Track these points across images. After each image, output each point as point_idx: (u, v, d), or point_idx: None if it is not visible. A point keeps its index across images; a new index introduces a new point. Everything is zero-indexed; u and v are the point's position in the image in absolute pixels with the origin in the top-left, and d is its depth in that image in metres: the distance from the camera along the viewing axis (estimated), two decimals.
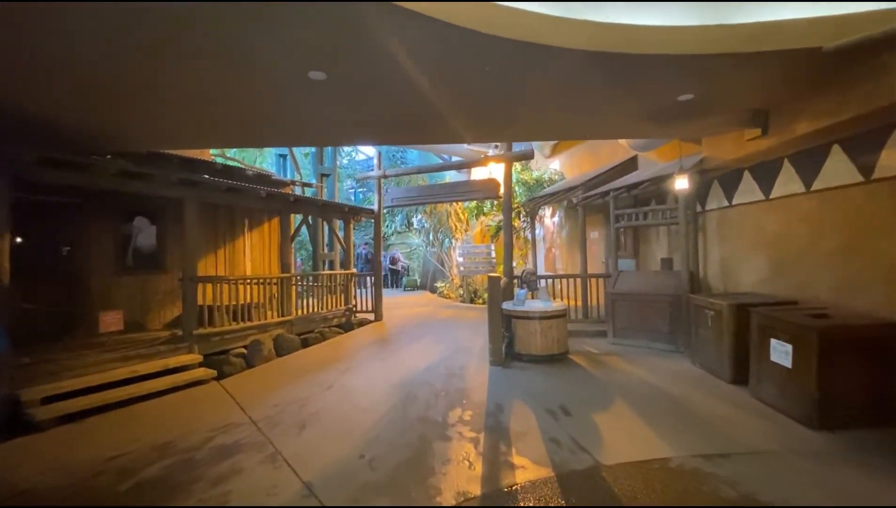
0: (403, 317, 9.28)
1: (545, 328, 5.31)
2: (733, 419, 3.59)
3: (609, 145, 9.81)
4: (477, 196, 7.73)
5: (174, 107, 3.96)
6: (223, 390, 4.96)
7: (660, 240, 7.69)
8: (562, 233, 11.99)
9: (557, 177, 11.46)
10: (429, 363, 5.47)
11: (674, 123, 4.64)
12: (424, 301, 12.51)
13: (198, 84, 3.46)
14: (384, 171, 8.60)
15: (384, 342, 6.92)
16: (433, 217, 13.76)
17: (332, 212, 8.54)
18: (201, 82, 3.43)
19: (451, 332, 7.53)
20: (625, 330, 6.40)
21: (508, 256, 7.41)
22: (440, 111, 4.10)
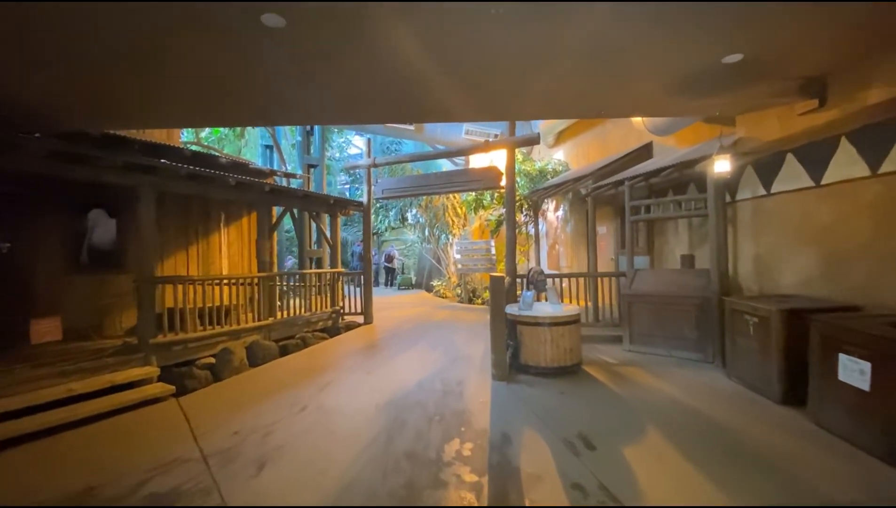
0: (396, 319, 8.57)
1: (556, 337, 4.61)
2: (799, 456, 2.90)
3: (620, 131, 9.11)
4: (476, 186, 7.01)
5: (103, 69, 3.21)
6: (180, 410, 4.24)
7: (679, 235, 7.00)
8: (566, 228, 11.29)
9: (562, 168, 10.75)
10: (422, 377, 4.76)
11: (711, 95, 3.93)
12: (420, 301, 11.81)
13: (127, 34, 2.72)
14: (374, 159, 7.87)
15: (372, 350, 6.21)
16: (429, 211, 13.04)
17: (315, 204, 7.80)
18: (133, 32, 2.69)
19: (447, 336, 6.83)
20: (643, 336, 5.71)
21: (511, 252, 6.71)
22: (431, 78, 3.38)
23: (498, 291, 4.48)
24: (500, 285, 4.48)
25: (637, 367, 5.01)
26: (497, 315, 4.49)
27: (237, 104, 4.06)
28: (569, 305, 5.26)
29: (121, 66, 3.15)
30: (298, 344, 6.58)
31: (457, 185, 7.13)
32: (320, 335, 7.11)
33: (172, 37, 2.78)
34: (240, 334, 6.17)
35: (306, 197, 7.41)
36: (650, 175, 5.94)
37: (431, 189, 7.42)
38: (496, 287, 4.48)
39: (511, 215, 6.69)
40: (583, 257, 10.48)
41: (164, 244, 6.89)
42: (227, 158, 7.19)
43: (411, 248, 18.01)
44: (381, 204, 14.14)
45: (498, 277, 4.48)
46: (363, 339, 6.96)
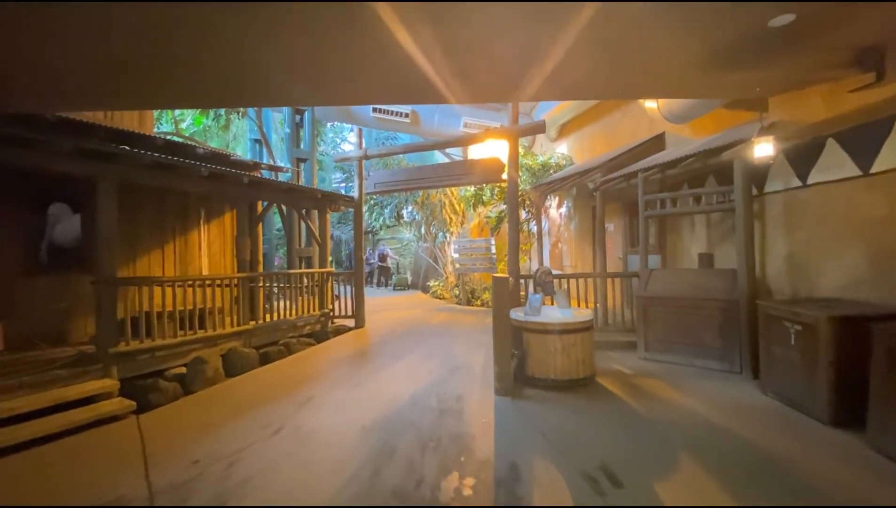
0: (390, 323, 8.06)
1: (567, 346, 4.11)
2: (867, 494, 2.41)
3: (629, 122, 8.62)
4: (476, 180, 6.51)
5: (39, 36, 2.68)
6: (138, 431, 3.72)
7: (695, 232, 6.51)
8: (570, 225, 10.79)
9: (566, 162, 10.25)
10: (415, 391, 4.25)
11: (752, 68, 3.43)
12: (415, 303, 11.30)
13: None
14: (366, 150, 7.35)
15: (362, 358, 5.69)
16: (425, 208, 12.52)
17: (302, 199, 7.27)
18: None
19: (445, 342, 6.32)
20: (661, 343, 5.22)
21: (514, 251, 6.21)
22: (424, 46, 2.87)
23: (501, 294, 3.97)
24: (503, 287, 3.97)
25: (657, 379, 4.52)
26: (501, 322, 3.99)
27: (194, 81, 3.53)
28: (580, 309, 4.76)
29: (53, 34, 2.62)
30: (282, 351, 6.06)
31: (455, 178, 6.62)
32: (306, 341, 6.59)
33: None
34: (216, 340, 5.65)
35: (291, 191, 6.88)
36: (668, 166, 5.44)
37: (427, 183, 6.92)
38: (499, 290, 3.98)
39: (514, 211, 6.18)
40: (588, 256, 10.00)
41: (135, 242, 6.37)
42: (206, 149, 6.65)
43: (407, 247, 17.49)
44: (376, 200, 13.62)
45: (501, 278, 3.97)
46: (353, 345, 6.44)
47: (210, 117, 9.53)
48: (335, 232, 19.34)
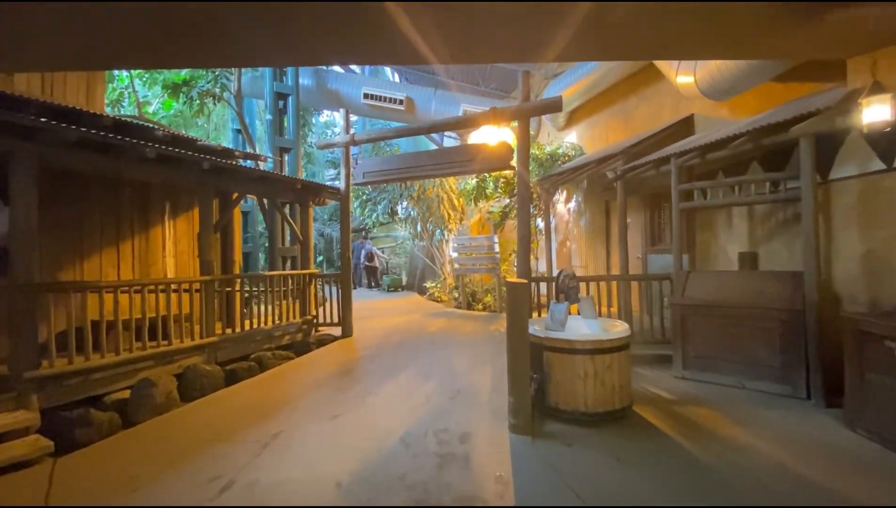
0: (381, 331, 7.23)
1: (601, 369, 3.29)
2: None
3: (648, 107, 7.83)
4: (480, 167, 5.68)
5: None
6: (47, 481, 2.88)
7: (733, 227, 5.72)
8: (580, 222, 10.00)
9: (575, 152, 9.45)
10: (409, 426, 3.43)
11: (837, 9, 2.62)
12: (410, 306, 10.48)
13: None
14: (353, 135, 6.51)
15: (347, 377, 4.86)
16: (421, 204, 11.68)
17: (278, 190, 6.42)
18: None
19: (444, 356, 5.50)
20: (703, 360, 4.43)
21: (525, 249, 5.40)
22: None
23: (519, 304, 3.15)
24: (521, 295, 3.15)
25: (705, 406, 3.72)
26: (518, 340, 3.16)
27: (148, 41, 2.69)
28: (613, 322, 3.95)
29: None
30: (252, 368, 5.22)
31: (455, 165, 5.79)
32: (283, 355, 5.75)
33: None
34: (172, 356, 4.80)
35: (265, 180, 6.02)
36: (710, 148, 4.63)
37: (424, 171, 6.09)
38: (517, 299, 3.16)
39: (525, 203, 5.37)
40: (601, 255, 9.21)
41: (82, 240, 5.52)
42: (167, 131, 5.79)
43: (402, 245, 16.66)
44: (368, 195, 12.77)
45: (518, 284, 3.15)
46: (337, 359, 5.60)
47: (181, 101, 8.66)
48: (327, 230, 18.47)
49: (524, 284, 3.14)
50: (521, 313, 3.16)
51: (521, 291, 3.14)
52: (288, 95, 10.03)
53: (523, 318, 3.16)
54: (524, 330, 3.17)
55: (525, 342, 3.18)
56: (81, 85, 6.11)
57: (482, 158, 5.62)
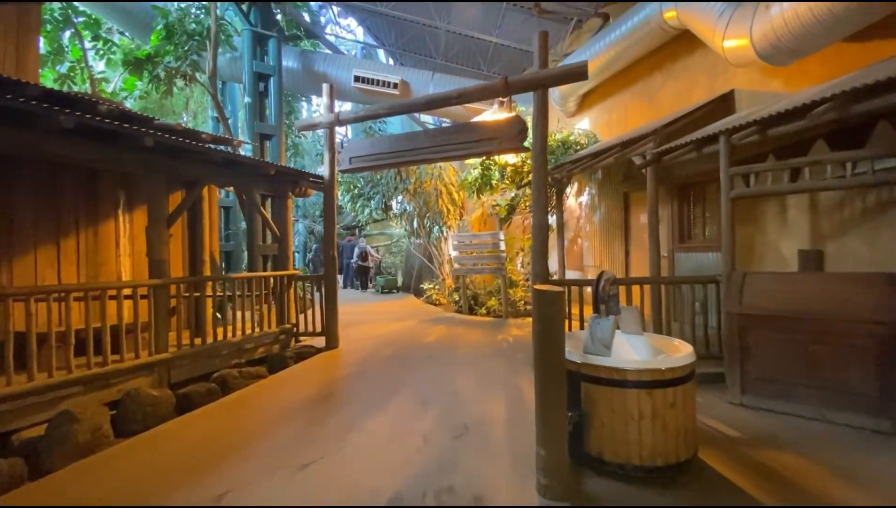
0: (371, 341, 6.37)
1: (661, 408, 2.46)
2: None
3: (675, 85, 6.99)
4: (489, 148, 4.82)
5: None
6: None
7: (788, 220, 4.91)
8: (593, 217, 9.17)
9: (588, 139, 8.60)
10: (401, 484, 2.58)
11: None
12: (406, 310, 9.62)
13: None
14: (338, 114, 5.64)
15: (325, 405, 4.00)
16: (418, 197, 10.83)
17: (247, 176, 5.54)
18: None
19: (445, 376, 4.65)
20: (770, 383, 3.60)
21: (541, 246, 4.56)
22: None
23: (552, 320, 2.30)
24: (555, 308, 2.30)
25: (789, 451, 2.88)
26: (551, 373, 2.31)
27: None
28: (664, 339, 3.10)
29: None
30: (212, 391, 4.35)
31: (458, 147, 4.94)
32: (253, 373, 4.88)
33: None
34: (108, 379, 3.94)
35: (232, 165, 5.14)
36: (780, 119, 3.78)
37: (421, 155, 5.23)
38: (549, 313, 2.31)
39: (542, 190, 4.53)
40: (617, 254, 8.38)
41: (9, 235, 4.68)
42: (110, 105, 4.90)
43: (397, 243, 15.79)
44: (360, 190, 11.88)
45: (551, 292, 2.30)
46: (316, 378, 4.74)
47: (146, 80, 7.74)
48: (318, 227, 17.58)
49: (557, 292, 2.29)
50: (555, 335, 2.31)
51: (554, 302, 2.29)
52: (269, 76, 9.16)
53: (557, 341, 2.31)
54: (559, 358, 2.32)
55: (561, 375, 2.33)
56: (10, 50, 5.23)
57: (490, 137, 4.77)
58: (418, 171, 10.79)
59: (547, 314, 2.28)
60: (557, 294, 2.28)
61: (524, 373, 4.60)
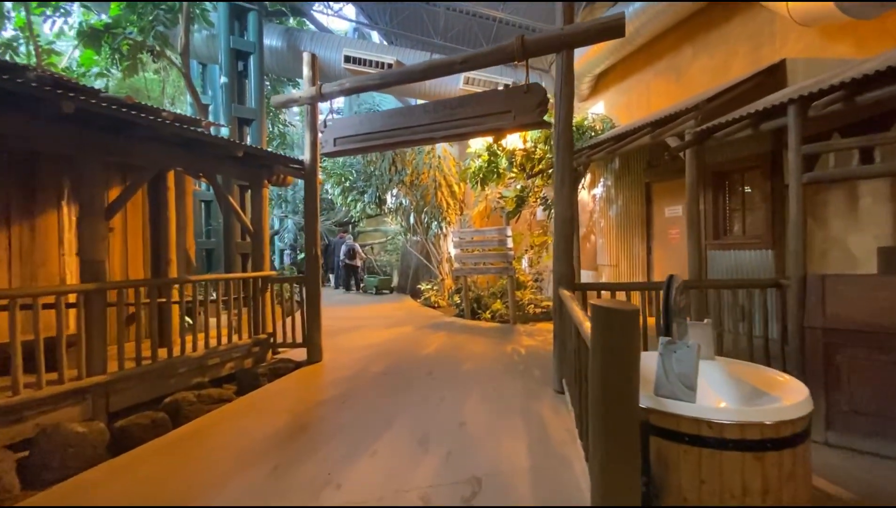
0: (361, 352, 5.58)
1: (773, 479, 1.68)
2: None
3: (709, 59, 6.20)
4: (500, 124, 4.03)
5: None
6: None
7: (859, 210, 4.14)
8: (609, 211, 8.40)
9: (605, 124, 7.82)
10: None
11: None
12: (401, 314, 8.84)
13: None
14: (320, 87, 4.84)
15: (298, 443, 3.21)
16: (414, 190, 10.03)
17: (210, 159, 4.72)
18: None
19: (449, 401, 3.87)
20: (866, 418, 2.84)
21: (565, 246, 3.79)
22: None
23: (622, 351, 1.51)
24: (626, 335, 1.51)
25: None
26: (619, 428, 1.53)
27: None
28: (759, 371, 2.33)
29: None
30: (160, 422, 3.55)
31: (464, 123, 4.14)
32: (214, 396, 4.09)
33: None
34: (23, 410, 3.14)
35: (189, 144, 4.31)
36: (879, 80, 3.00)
37: (418, 134, 4.43)
38: (616, 341, 1.52)
39: (566, 175, 3.76)
40: (638, 252, 7.62)
41: None
42: (46, 72, 4.08)
43: (393, 240, 15.00)
44: (353, 183, 11.07)
45: (621, 310, 1.50)
46: (292, 403, 3.95)
47: (105, 54, 6.88)
48: None
49: (630, 312, 1.50)
50: (626, 376, 1.52)
51: (627, 327, 1.51)
52: (249, 54, 8.33)
53: (629, 385, 1.53)
54: (631, 412, 1.53)
55: (633, 435, 1.55)
56: None
57: (503, 112, 3.98)
58: (415, 161, 10.00)
59: (615, 345, 1.50)
60: (630, 315, 1.50)
61: (544, 397, 3.83)
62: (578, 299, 3.45)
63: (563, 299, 3.30)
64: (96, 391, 3.58)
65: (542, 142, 6.95)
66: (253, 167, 5.18)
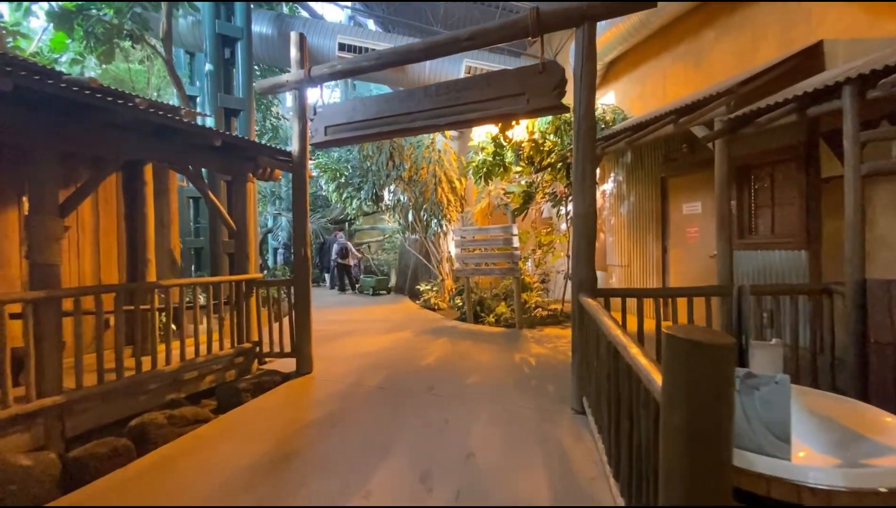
0: (355, 362, 5.14)
1: None
2: None
3: (734, 42, 5.75)
4: (514, 108, 3.59)
5: None
6: None
7: None
8: (620, 208, 7.98)
9: (616, 115, 7.38)
10: None
11: None
12: (400, 318, 8.40)
13: None
14: (309, 69, 4.40)
15: (274, 481, 2.77)
16: (413, 186, 9.59)
17: (184, 148, 4.25)
18: None
19: (453, 424, 3.44)
20: None
21: (587, 245, 3.37)
22: None
23: (715, 399, 1.07)
24: (720, 376, 1.07)
25: None
26: (706, 494, 1.09)
27: None
28: (847, 404, 1.90)
29: None
30: (121, 451, 3.11)
31: (471, 108, 3.70)
32: (188, 416, 3.64)
33: None
34: None
35: (161, 132, 3.84)
36: None
37: (419, 121, 3.99)
38: (707, 385, 1.08)
39: (587, 165, 3.33)
40: (652, 251, 7.19)
41: None
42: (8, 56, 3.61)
43: (391, 239, 14.55)
44: (348, 178, 10.62)
45: (712, 344, 1.06)
46: (274, 427, 3.51)
47: (78, 37, 6.37)
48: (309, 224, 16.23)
49: (726, 346, 1.06)
50: (719, 441, 1.09)
51: (721, 366, 1.08)
52: (236, 40, 7.85)
53: (724, 451, 1.09)
54: (726, 490, 1.10)
55: None
56: None
57: (515, 95, 3.54)
58: (414, 156, 9.55)
59: (707, 394, 1.07)
60: (726, 352, 1.06)
61: (562, 418, 3.41)
62: (602, 307, 3.02)
63: (588, 311, 2.87)
64: (49, 415, 3.14)
65: (552, 133, 6.51)
66: (235, 159, 4.73)
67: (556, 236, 7.60)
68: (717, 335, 1.13)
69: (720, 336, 1.11)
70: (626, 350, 1.74)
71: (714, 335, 1.12)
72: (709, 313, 3.59)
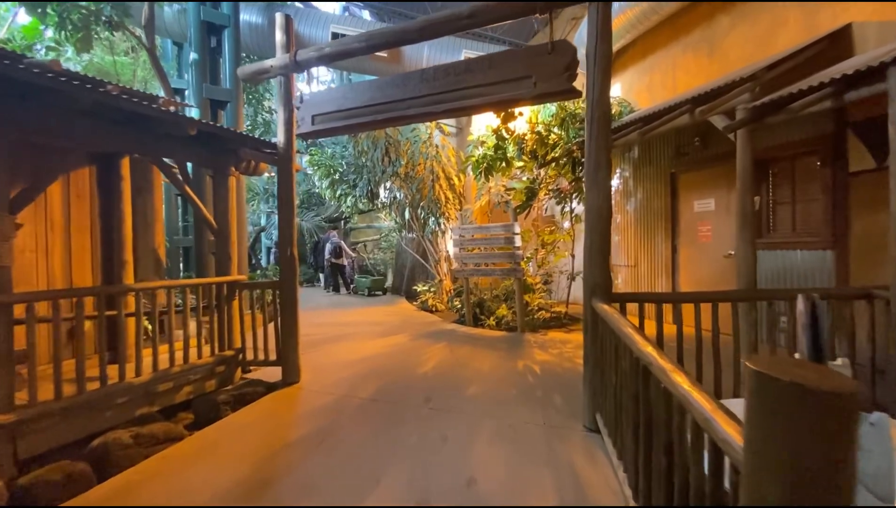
0: (347, 370, 4.82)
1: None
2: None
3: (750, 28, 5.44)
4: (519, 92, 3.27)
5: None
6: None
7: None
8: (627, 205, 7.68)
9: (623, 107, 7.06)
10: None
11: None
12: (395, 321, 8.07)
13: None
14: (295, 54, 4.07)
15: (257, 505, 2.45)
16: (410, 183, 9.26)
17: (155, 137, 3.91)
18: None
19: (452, 443, 3.12)
20: None
21: (601, 245, 3.06)
22: None
23: (834, 466, 0.75)
24: (844, 429, 0.75)
25: None
26: None
27: None
28: None
29: None
30: (76, 477, 2.78)
31: (473, 92, 3.38)
32: (158, 433, 3.32)
33: None
34: None
35: (130, 120, 3.49)
36: None
37: (415, 107, 3.67)
38: (821, 446, 0.76)
39: (602, 158, 3.02)
40: (661, 250, 6.88)
41: None
42: None
43: (387, 238, 14.21)
44: (342, 175, 10.28)
45: (832, 392, 0.74)
46: (254, 446, 3.18)
47: (52, 23, 6.01)
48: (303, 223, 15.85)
49: (848, 394, 0.75)
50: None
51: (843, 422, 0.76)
52: (223, 28, 7.50)
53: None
54: None
55: None
56: None
57: (521, 77, 3.22)
58: (410, 151, 9.23)
59: (823, 455, 0.75)
60: (848, 401, 0.74)
61: (573, 436, 3.09)
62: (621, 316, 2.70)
63: (607, 320, 2.55)
64: (0, 435, 2.81)
65: (557, 125, 6.19)
66: (216, 152, 4.39)
67: (559, 234, 7.28)
68: (826, 374, 0.81)
69: (835, 378, 0.79)
70: (667, 376, 1.42)
71: (823, 374, 0.80)
72: (735, 321, 3.28)
